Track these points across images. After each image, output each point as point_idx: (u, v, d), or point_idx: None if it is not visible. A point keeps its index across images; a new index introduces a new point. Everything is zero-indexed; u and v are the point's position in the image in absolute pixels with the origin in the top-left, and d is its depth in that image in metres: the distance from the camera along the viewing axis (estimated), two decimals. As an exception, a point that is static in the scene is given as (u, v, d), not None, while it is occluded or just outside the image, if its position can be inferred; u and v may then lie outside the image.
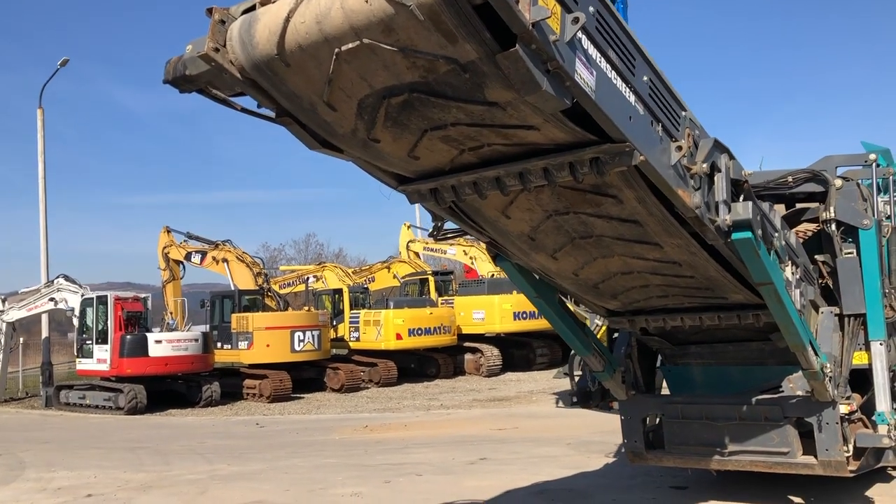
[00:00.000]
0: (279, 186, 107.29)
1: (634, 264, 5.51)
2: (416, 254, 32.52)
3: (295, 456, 11.70)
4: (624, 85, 3.98)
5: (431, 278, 27.21)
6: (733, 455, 7.10)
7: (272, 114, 4.15)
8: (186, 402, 19.95)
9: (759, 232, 5.07)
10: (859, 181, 6.94)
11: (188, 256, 25.40)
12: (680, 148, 4.49)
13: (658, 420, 7.74)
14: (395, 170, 4.56)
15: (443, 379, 24.13)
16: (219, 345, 21.75)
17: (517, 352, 25.99)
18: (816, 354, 6.12)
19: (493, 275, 27.02)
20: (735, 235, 4.94)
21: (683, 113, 4.67)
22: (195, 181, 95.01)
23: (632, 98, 4.05)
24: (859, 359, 6.87)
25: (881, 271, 6.70)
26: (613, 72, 3.88)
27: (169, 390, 20.16)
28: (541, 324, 25.24)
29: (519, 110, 3.67)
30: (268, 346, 21.14)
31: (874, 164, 6.74)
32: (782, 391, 7.21)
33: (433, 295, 26.55)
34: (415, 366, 24.76)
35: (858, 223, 6.63)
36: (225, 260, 24.04)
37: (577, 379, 10.21)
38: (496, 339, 25.32)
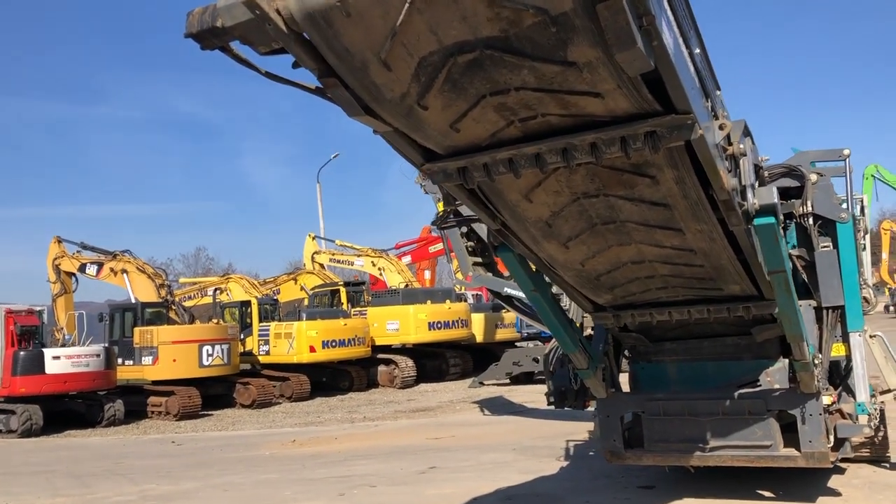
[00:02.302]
0: (158, 200, 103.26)
1: (649, 252, 5.36)
2: (321, 265, 31.82)
3: (228, 473, 10.97)
4: (687, 53, 3.81)
5: (343, 289, 26.59)
6: (715, 451, 7.07)
7: (305, 78, 3.73)
8: (86, 422, 18.52)
9: (780, 218, 5.02)
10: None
11: (82, 268, 23.86)
12: (723, 127, 4.36)
13: (634, 418, 7.65)
14: (429, 144, 4.21)
15: (356, 392, 23.56)
16: (120, 361, 20.36)
17: (430, 362, 25.74)
18: (808, 345, 6.16)
19: (407, 284, 26.76)
20: (759, 220, 4.86)
21: (718, 92, 4.56)
22: (63, 195, 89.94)
23: (691, 68, 3.89)
24: (835, 350, 7.00)
25: (858, 264, 6.84)
26: (681, 38, 3.70)
27: (66, 410, 18.67)
28: (454, 333, 25.21)
29: (595, 73, 3.42)
30: (174, 360, 19.97)
31: (847, 159, 6.89)
32: (760, 385, 7.28)
33: (345, 306, 25.95)
34: (327, 379, 24.06)
35: (836, 216, 6.76)
36: (124, 271, 22.70)
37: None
38: (409, 350, 24.99)
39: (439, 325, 24.37)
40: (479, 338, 26.56)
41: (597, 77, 3.46)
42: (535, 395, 19.89)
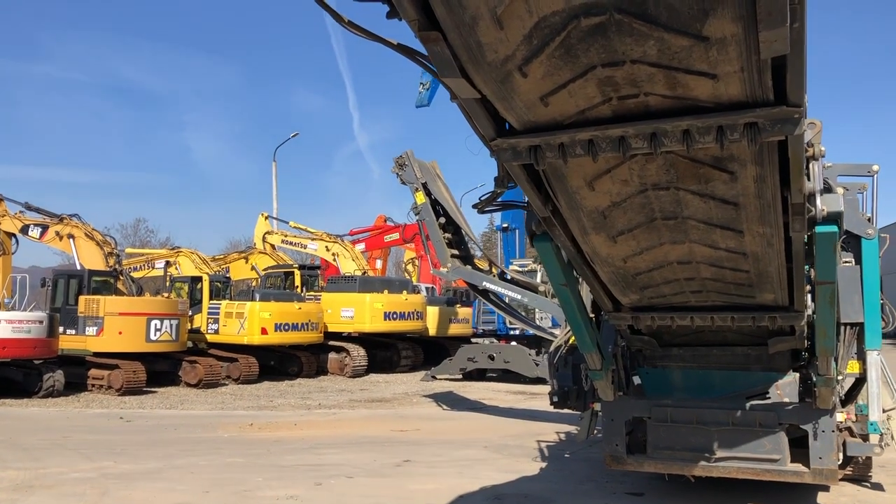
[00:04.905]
0: (95, 167, 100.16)
1: (699, 253, 5.15)
2: (273, 246, 31.08)
3: (189, 454, 10.44)
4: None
5: (297, 272, 25.98)
6: (721, 461, 6.94)
7: (390, 34, 3.40)
8: (21, 391, 17.60)
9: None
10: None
11: (25, 229, 22.71)
12: (814, 125, 4.17)
13: (637, 423, 7.48)
14: (509, 116, 3.88)
15: (305, 378, 23.02)
16: (61, 329, 19.38)
17: (381, 353, 25.36)
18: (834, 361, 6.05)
19: (364, 272, 26.30)
20: (822, 228, 4.70)
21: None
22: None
23: None
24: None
25: (880, 281, 6.79)
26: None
27: (0, 377, 17.70)
28: (409, 325, 24.88)
29: (723, 52, 3.16)
30: (120, 333, 19.14)
31: (875, 175, 6.82)
32: (769, 398, 7.17)
33: (299, 289, 25.35)
34: (275, 363, 23.46)
35: (863, 232, 6.68)
36: (71, 236, 21.69)
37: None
38: (360, 339, 24.54)
39: (395, 316, 24.01)
40: (432, 331, 26.31)
41: (723, 56, 3.21)
42: (489, 393, 19.77)
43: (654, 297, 6.14)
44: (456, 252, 13.94)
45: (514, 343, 22.79)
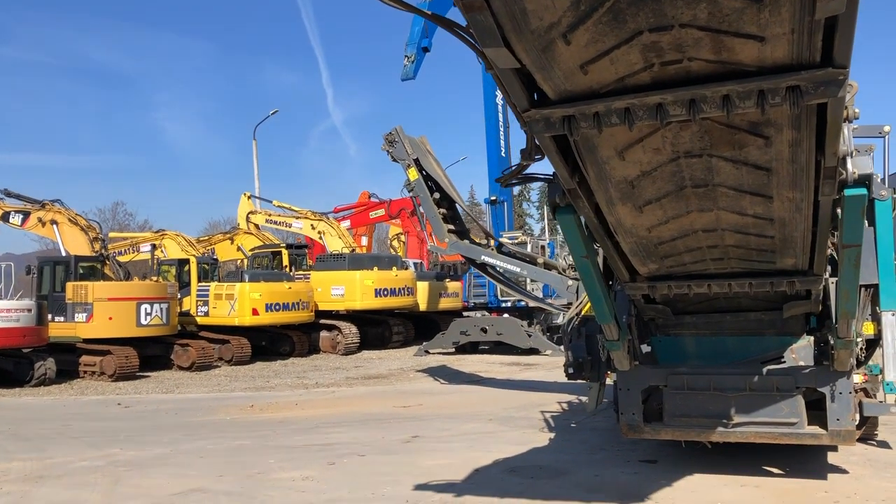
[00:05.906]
0: (66, 151, 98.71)
1: (726, 220, 5.11)
2: (257, 225, 30.79)
3: (196, 438, 10.36)
4: None
5: (285, 251, 25.78)
6: (738, 427, 6.99)
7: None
8: (13, 380, 17.38)
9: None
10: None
11: (6, 216, 22.32)
12: (850, 86, 4.11)
13: (651, 392, 7.49)
14: (546, 85, 3.80)
15: (298, 357, 22.94)
16: (49, 317, 19.13)
17: (372, 330, 25.29)
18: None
19: (353, 249, 26.16)
20: (851, 191, 4.67)
21: None
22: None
23: None
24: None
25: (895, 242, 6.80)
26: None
27: (-10, 367, 17.48)
28: (400, 301, 24.82)
29: (776, 13, 3.10)
30: (110, 318, 18.92)
31: (887, 136, 6.80)
32: (784, 362, 7.21)
33: (287, 269, 25.17)
34: (266, 343, 23.33)
35: (876, 194, 6.66)
36: (54, 222, 21.34)
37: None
38: (351, 317, 24.46)
39: (385, 292, 23.94)
40: (423, 306, 26.27)
41: (775, 18, 3.15)
42: (484, 365, 19.82)
43: (674, 266, 6.12)
44: (452, 227, 13.85)
45: (506, 315, 22.81)
